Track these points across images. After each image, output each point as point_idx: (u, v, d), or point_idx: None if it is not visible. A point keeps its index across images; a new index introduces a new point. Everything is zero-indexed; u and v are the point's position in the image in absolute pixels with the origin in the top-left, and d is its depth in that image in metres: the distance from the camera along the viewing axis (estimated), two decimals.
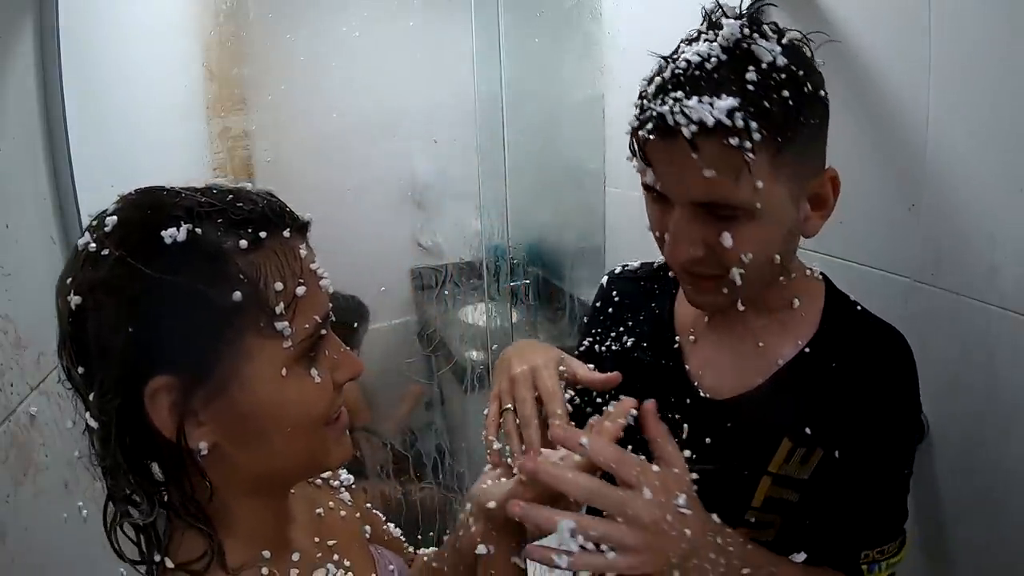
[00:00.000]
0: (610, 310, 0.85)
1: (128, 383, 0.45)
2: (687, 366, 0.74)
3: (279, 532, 0.57)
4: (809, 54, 0.60)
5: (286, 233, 0.49)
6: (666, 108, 0.55)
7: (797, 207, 0.62)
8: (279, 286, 0.47)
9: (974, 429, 0.83)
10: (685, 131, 0.54)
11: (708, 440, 0.70)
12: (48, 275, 0.89)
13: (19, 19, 0.87)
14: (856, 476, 0.66)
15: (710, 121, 0.53)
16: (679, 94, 0.55)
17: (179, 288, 0.44)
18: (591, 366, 0.70)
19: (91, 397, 0.46)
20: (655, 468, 0.55)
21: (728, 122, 0.53)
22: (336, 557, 0.60)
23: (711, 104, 0.53)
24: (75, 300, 0.45)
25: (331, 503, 0.67)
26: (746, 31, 0.57)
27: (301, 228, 0.52)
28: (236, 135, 1.69)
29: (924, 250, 0.88)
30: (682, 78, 0.56)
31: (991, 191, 0.79)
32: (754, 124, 0.53)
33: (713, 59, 0.56)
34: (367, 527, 0.70)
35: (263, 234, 0.47)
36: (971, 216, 0.81)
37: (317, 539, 0.61)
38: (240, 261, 0.46)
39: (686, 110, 0.54)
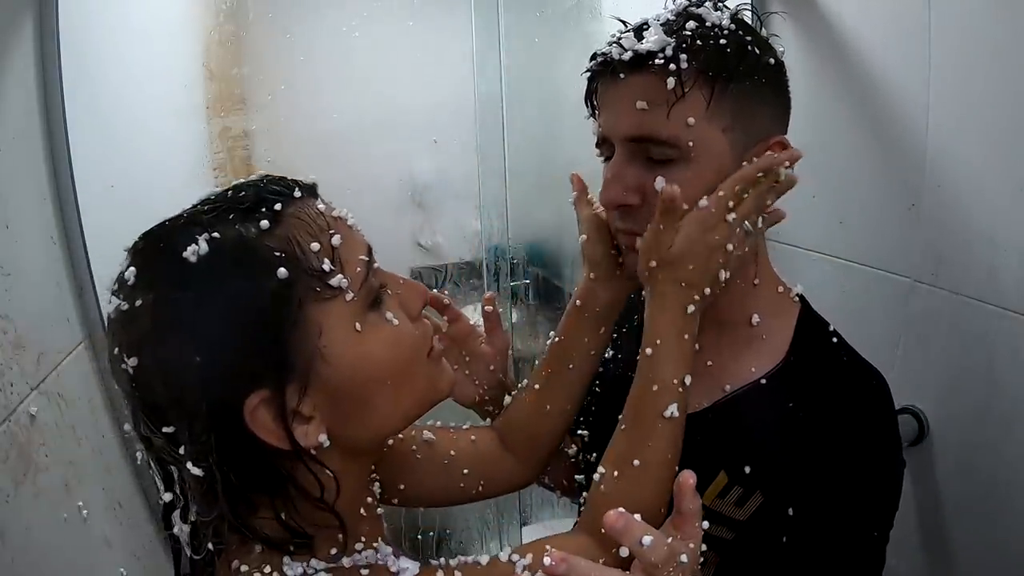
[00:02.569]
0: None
1: (221, 416, 0.43)
2: None
3: (373, 510, 0.56)
4: (763, 33, 0.63)
5: (297, 193, 0.48)
6: (607, 47, 0.60)
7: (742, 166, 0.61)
8: (315, 246, 0.45)
9: (974, 429, 0.83)
10: (615, 55, 0.58)
11: None
12: (48, 275, 0.89)
13: (19, 19, 0.87)
14: (807, 534, 0.59)
15: (641, 48, 0.57)
16: (622, 36, 0.60)
17: (224, 297, 0.42)
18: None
19: (183, 452, 0.44)
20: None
21: (659, 52, 0.57)
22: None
23: (646, 40, 0.58)
24: (131, 363, 0.43)
25: None
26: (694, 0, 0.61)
27: (309, 189, 0.50)
28: (236, 135, 1.69)
29: (924, 250, 0.88)
30: (629, 29, 0.62)
31: (991, 191, 0.79)
32: (683, 56, 0.56)
33: (661, 17, 0.61)
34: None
35: (278, 207, 0.45)
36: (971, 216, 0.81)
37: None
38: (269, 241, 0.44)
39: (622, 42, 0.58)
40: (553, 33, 1.80)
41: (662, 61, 0.56)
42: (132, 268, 0.44)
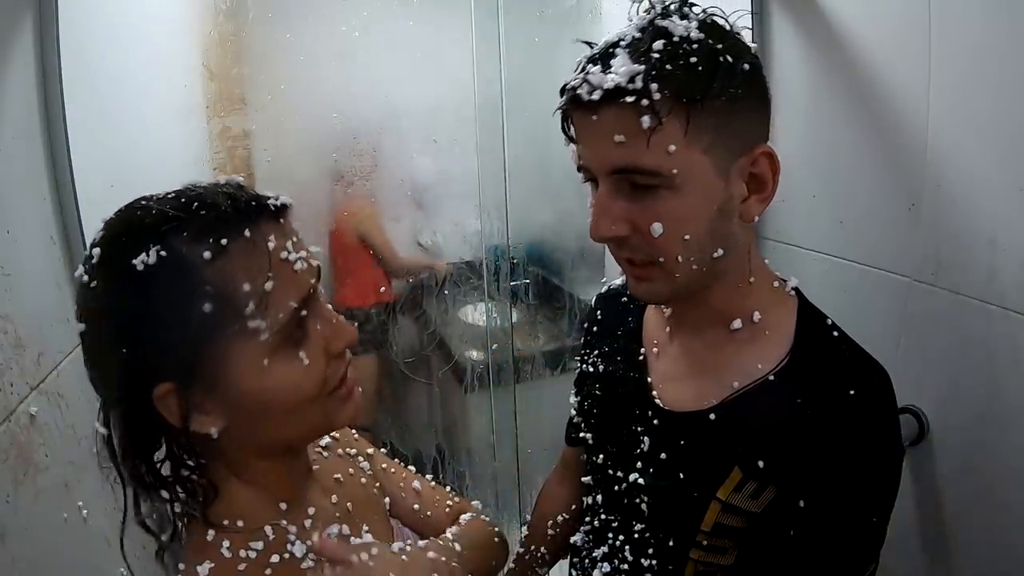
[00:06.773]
0: (595, 328, 0.85)
1: (132, 393, 0.50)
2: (649, 378, 0.73)
3: (296, 490, 0.60)
4: (730, 29, 0.60)
5: (247, 232, 0.50)
6: (576, 81, 0.58)
7: (727, 183, 0.60)
8: (247, 287, 0.49)
9: (974, 429, 0.83)
10: (585, 95, 0.57)
11: (663, 455, 0.69)
12: (48, 275, 0.89)
13: (19, 19, 0.87)
14: (815, 525, 0.61)
15: (609, 85, 0.55)
16: (589, 67, 0.58)
17: (156, 308, 0.48)
18: None
19: (101, 405, 0.52)
20: None
21: (628, 85, 0.55)
22: (355, 520, 0.63)
23: (614, 72, 0.56)
24: (80, 327, 0.51)
25: (351, 470, 0.70)
26: (658, 10, 0.59)
27: (272, 215, 0.52)
28: (236, 135, 1.69)
29: (924, 250, 0.88)
30: (596, 55, 0.59)
31: (991, 191, 0.79)
32: (655, 86, 0.55)
33: (627, 37, 0.58)
34: (387, 499, 0.72)
35: (224, 241, 0.49)
36: (971, 216, 0.81)
37: (335, 499, 0.63)
38: (207, 272, 0.48)
39: (590, 78, 0.56)
40: (553, 33, 1.79)
41: (634, 95, 0.55)
42: (97, 248, 0.50)
